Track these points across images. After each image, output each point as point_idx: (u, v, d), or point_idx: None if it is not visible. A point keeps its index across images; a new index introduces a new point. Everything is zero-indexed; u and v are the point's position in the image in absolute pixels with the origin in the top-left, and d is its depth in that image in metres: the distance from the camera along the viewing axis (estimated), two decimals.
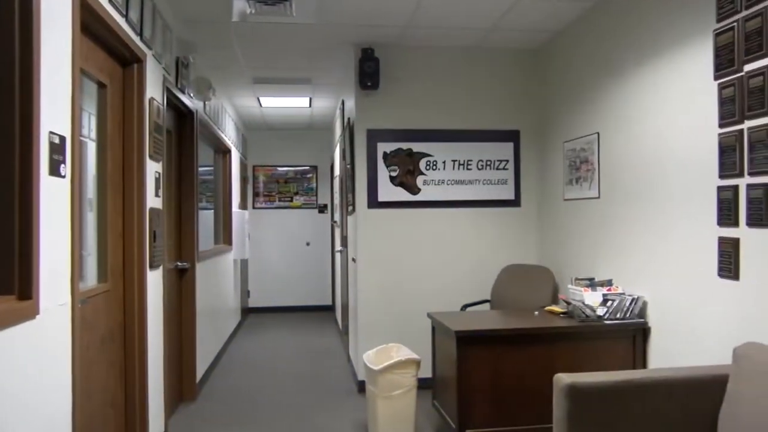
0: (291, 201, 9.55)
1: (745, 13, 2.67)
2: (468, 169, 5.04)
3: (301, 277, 9.48)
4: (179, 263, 4.58)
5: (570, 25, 4.47)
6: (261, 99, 7.04)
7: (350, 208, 5.46)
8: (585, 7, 4.12)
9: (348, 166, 5.50)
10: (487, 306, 4.83)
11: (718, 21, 2.84)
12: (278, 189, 9.52)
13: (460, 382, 3.41)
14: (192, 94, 4.75)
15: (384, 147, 4.95)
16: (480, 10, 4.16)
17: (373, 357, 4.00)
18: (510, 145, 5.10)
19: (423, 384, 4.12)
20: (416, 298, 4.95)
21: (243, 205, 8.53)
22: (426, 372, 4.18)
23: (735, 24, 2.73)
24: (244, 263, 8.51)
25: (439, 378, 3.94)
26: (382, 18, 4.31)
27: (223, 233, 6.85)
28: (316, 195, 9.58)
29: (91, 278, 2.88)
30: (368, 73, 4.79)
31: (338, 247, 7.35)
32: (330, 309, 9.39)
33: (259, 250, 9.32)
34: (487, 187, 5.06)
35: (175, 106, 4.38)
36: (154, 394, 3.56)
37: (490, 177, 5.06)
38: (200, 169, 5.09)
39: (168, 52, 3.99)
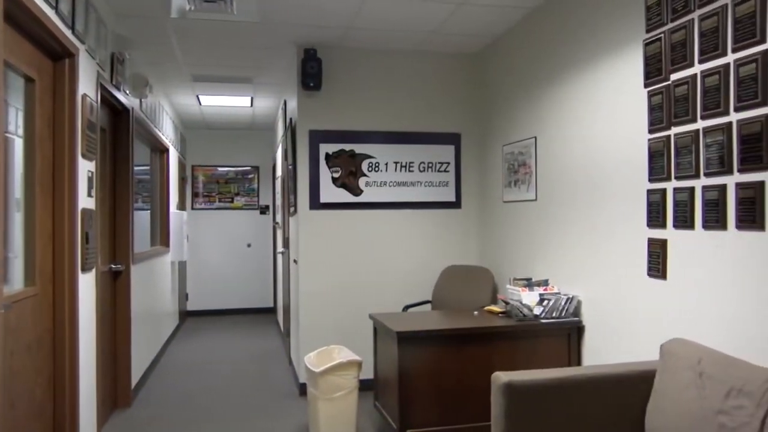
0: (232, 202, 9.38)
1: (671, 25, 2.80)
2: (410, 171, 5.08)
3: (242, 279, 9.33)
4: (113, 265, 4.42)
5: (509, 30, 4.57)
6: (201, 97, 6.89)
7: (292, 209, 5.41)
8: (524, 14, 4.22)
9: (290, 167, 5.45)
10: (428, 306, 4.88)
11: (648, 32, 2.97)
12: (218, 189, 9.34)
13: (401, 382, 3.44)
14: (128, 91, 4.60)
15: (326, 148, 4.93)
16: (422, 13, 4.20)
17: (314, 359, 3.98)
18: (451, 148, 5.17)
19: (365, 385, 4.13)
20: (358, 299, 4.96)
21: (181, 206, 8.33)
22: (368, 373, 4.19)
23: (662, 35, 2.85)
24: (182, 265, 8.30)
25: (380, 379, 3.95)
26: (324, 18, 4.29)
27: (161, 234, 6.66)
28: (258, 196, 9.45)
29: (17, 282, 2.74)
30: (311, 73, 4.76)
31: (280, 248, 7.28)
32: (271, 311, 9.28)
33: (199, 251, 9.12)
34: (428, 189, 5.12)
35: (109, 103, 4.23)
36: (85, 401, 3.43)
37: (432, 179, 5.12)
38: (136, 168, 4.94)
39: (102, 47, 3.85)
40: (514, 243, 4.54)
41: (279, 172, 7.44)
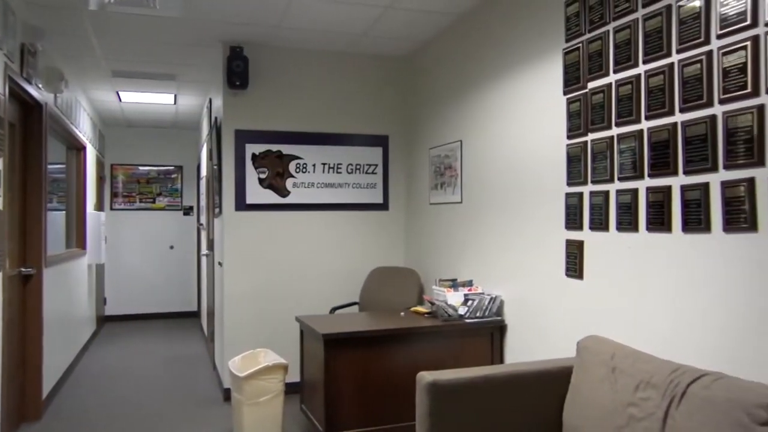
0: (153, 202, 9.07)
1: (588, 35, 2.92)
2: (338, 172, 5.07)
3: (164, 282, 9.03)
4: (23, 269, 4.18)
5: (437, 35, 4.65)
6: (121, 93, 6.62)
7: (217, 210, 5.29)
8: (451, 20, 4.30)
9: (215, 167, 5.33)
10: (356, 308, 4.88)
11: (567, 41, 3.09)
12: (139, 189, 9.00)
13: (328, 384, 3.42)
14: (41, 85, 4.37)
15: (253, 148, 4.85)
16: (351, 15, 4.21)
17: (239, 363, 3.90)
18: (379, 150, 5.20)
19: (291, 389, 4.08)
20: (286, 302, 4.90)
21: (99, 207, 7.97)
22: (294, 376, 4.14)
23: (580, 45, 2.98)
24: (99, 268, 7.95)
25: (307, 382, 3.92)
26: (251, 16, 4.22)
27: (77, 236, 6.36)
28: (181, 196, 9.18)
29: None
30: (237, 72, 4.68)
31: (204, 250, 7.09)
32: (195, 315, 9.02)
33: (118, 254, 8.76)
34: (356, 190, 5.13)
35: (19, 97, 4.00)
36: None
37: (360, 181, 5.13)
38: (50, 166, 4.69)
39: (11, 38, 3.64)
40: (440, 244, 4.62)
41: (204, 172, 7.25)
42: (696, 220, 2.32)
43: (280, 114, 4.95)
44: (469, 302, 3.72)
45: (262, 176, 4.88)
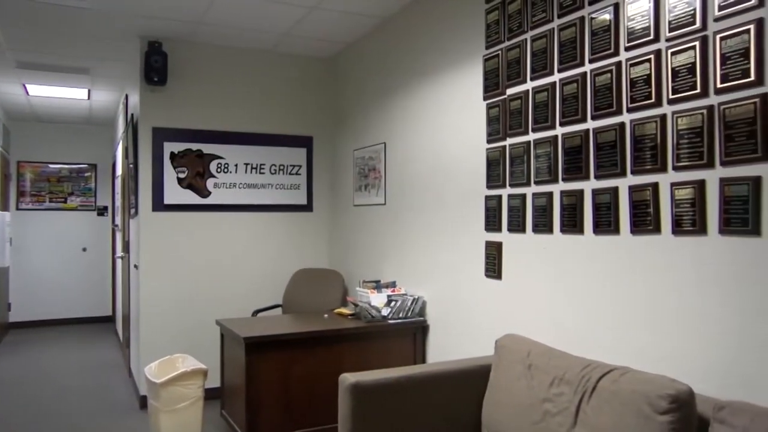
0: (65, 202, 8.61)
1: (507, 43, 3.02)
2: (261, 173, 4.99)
3: (76, 286, 8.59)
4: None
5: (362, 37, 4.66)
6: (28, 86, 6.25)
7: (133, 210, 5.09)
8: (375, 23, 4.33)
9: (131, 166, 5.12)
10: (279, 311, 4.82)
11: (487, 48, 3.18)
12: (49, 188, 8.52)
13: (249, 389, 3.36)
14: None
15: (171, 147, 4.70)
16: (275, 14, 4.15)
17: (155, 369, 3.76)
18: (303, 151, 5.16)
19: (211, 394, 3.99)
20: (206, 305, 4.77)
21: (4, 206, 7.49)
22: (215, 382, 4.04)
23: (500, 52, 3.07)
24: (3, 272, 7.46)
25: (227, 387, 3.83)
26: (171, 11, 4.09)
27: None
28: (95, 196, 8.77)
29: None
30: (155, 67, 4.52)
31: (119, 252, 6.80)
32: (110, 320, 8.64)
33: (25, 256, 8.26)
34: (280, 191, 5.07)
35: None
36: None
37: (284, 182, 5.07)
38: None
39: None
40: (364, 246, 4.63)
41: (119, 171, 6.95)
42: (606, 222, 2.44)
43: (200, 112, 4.82)
44: (392, 303, 3.75)
45: (181, 176, 4.73)
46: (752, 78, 1.90)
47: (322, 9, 4.04)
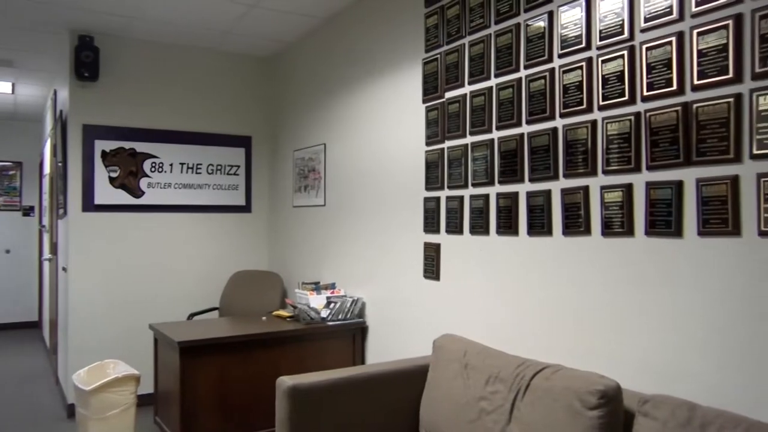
0: None
1: (446, 47, 3.06)
2: (198, 173, 4.88)
3: None
4: None
5: (303, 37, 4.63)
6: None
7: (61, 211, 4.88)
8: (316, 23, 4.30)
9: (60, 164, 4.91)
10: (215, 314, 4.72)
11: (426, 51, 3.21)
12: None
13: (184, 394, 3.27)
14: None
15: (103, 145, 4.54)
16: (212, 12, 4.07)
17: (84, 376, 3.62)
18: (242, 151, 5.08)
19: (146, 400, 3.87)
20: (139, 309, 4.62)
21: None
22: (148, 387, 3.92)
23: (439, 56, 3.11)
24: None
25: (161, 392, 3.72)
26: (102, 4, 3.94)
27: None
28: (21, 195, 8.35)
29: None
30: (86, 62, 4.35)
31: (47, 254, 6.50)
32: (36, 326, 8.24)
33: None
34: (217, 192, 4.97)
35: None
36: None
37: (221, 182, 4.98)
38: None
39: None
40: (303, 247, 4.60)
41: (47, 170, 6.65)
42: (540, 224, 2.51)
43: (134, 110, 4.67)
44: (332, 305, 3.73)
45: (113, 175, 4.57)
46: (674, 87, 2.00)
47: (262, 8, 3.99)
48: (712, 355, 1.90)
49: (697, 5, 1.94)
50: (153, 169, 4.71)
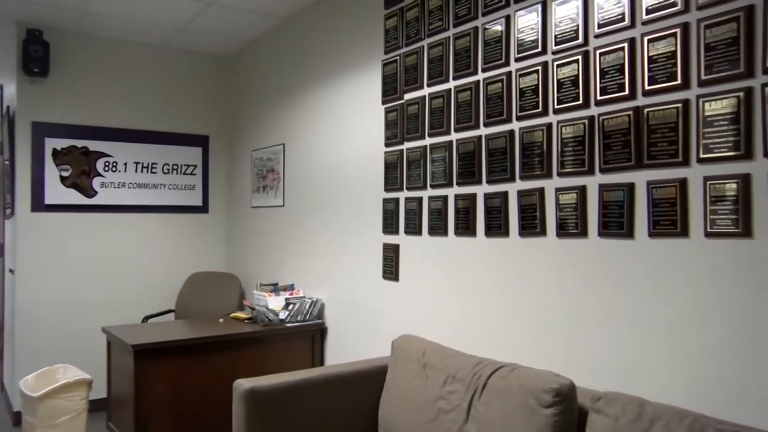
0: None
1: (405, 49, 3.07)
2: (153, 172, 4.78)
3: None
4: None
5: (262, 36, 4.58)
6: None
7: (8, 211, 4.71)
8: (275, 22, 4.27)
9: (6, 162, 4.74)
10: (171, 316, 4.63)
11: (386, 53, 3.22)
12: None
13: (138, 399, 3.20)
14: None
15: (54, 143, 4.40)
16: (168, 8, 3.99)
17: (32, 382, 3.50)
18: (199, 150, 5.00)
19: (99, 405, 3.77)
20: (92, 312, 4.49)
21: None
22: (101, 392, 3.83)
23: (398, 57, 3.12)
24: None
25: (114, 397, 3.63)
26: None
27: None
28: None
29: None
30: (35, 57, 4.21)
31: None
32: None
33: None
34: (173, 192, 4.87)
35: None
36: None
37: (177, 182, 4.88)
38: None
39: None
40: (262, 248, 4.55)
41: None
42: (497, 225, 2.54)
43: (87, 107, 4.54)
44: (290, 306, 3.71)
45: (65, 174, 4.44)
46: (626, 92, 2.05)
47: (220, 5, 3.93)
48: (661, 353, 1.96)
49: (647, 13, 2.00)
50: (106, 168, 4.59)
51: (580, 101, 2.20)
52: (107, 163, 4.59)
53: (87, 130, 4.53)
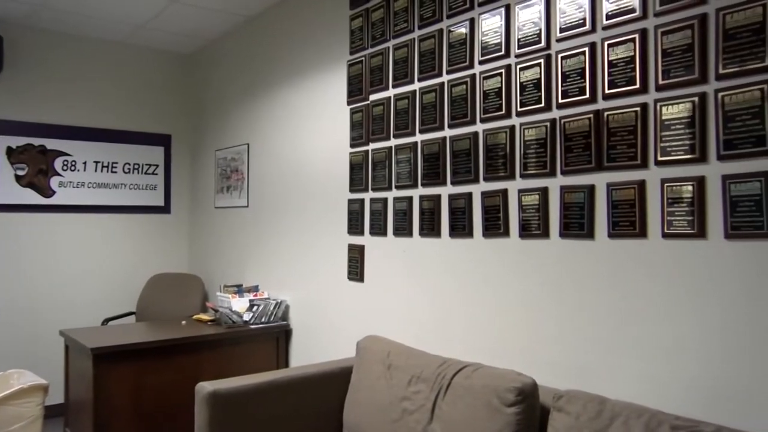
0: None
1: (371, 50, 3.08)
2: (114, 172, 4.68)
3: None
4: None
5: (226, 34, 4.53)
6: None
7: None
8: (239, 21, 4.22)
9: None
10: (132, 318, 4.54)
11: (351, 54, 3.22)
12: None
13: (97, 404, 3.12)
14: None
15: (9, 141, 4.27)
16: (129, 4, 3.91)
17: None
18: (161, 150, 4.91)
19: (56, 411, 3.68)
20: (49, 315, 4.37)
21: None
22: (58, 397, 3.73)
23: (363, 58, 3.12)
24: None
25: (72, 402, 3.54)
26: None
27: None
28: None
29: None
30: None
31: None
32: None
33: None
34: (134, 192, 4.78)
35: None
36: None
37: (139, 182, 4.79)
38: None
39: None
40: (225, 249, 4.50)
41: None
42: (461, 226, 2.56)
43: (45, 104, 4.42)
44: (255, 308, 3.67)
45: (20, 173, 4.31)
46: (587, 96, 2.09)
47: (182, 3, 3.87)
48: (619, 351, 2.00)
49: (607, 18, 2.04)
50: (65, 168, 4.47)
51: (542, 104, 2.24)
52: (66, 162, 4.48)
53: (44, 127, 4.40)
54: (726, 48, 1.74)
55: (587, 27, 2.10)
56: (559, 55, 2.19)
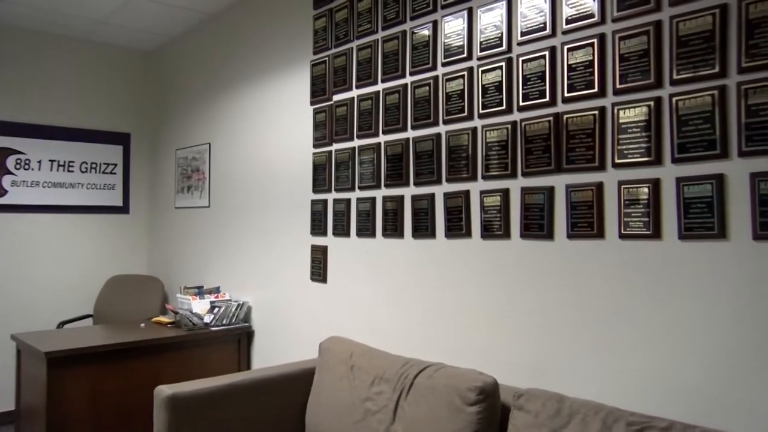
0: None
1: (334, 50, 3.07)
2: (69, 171, 4.56)
3: None
4: None
5: (187, 32, 4.46)
6: None
7: None
8: (200, 18, 4.16)
9: None
10: (89, 321, 4.43)
11: (315, 53, 3.20)
12: None
13: (50, 410, 3.03)
14: None
15: None
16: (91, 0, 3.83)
17: None
18: (119, 149, 4.81)
19: (6, 419, 3.56)
20: (2, 319, 4.23)
21: None
22: (9, 404, 3.61)
23: (327, 58, 3.11)
24: None
25: (24, 409, 3.43)
26: None
27: None
28: None
29: None
30: None
31: None
32: None
33: None
34: (91, 191, 4.66)
35: None
36: None
37: (96, 181, 4.68)
38: None
39: None
40: (186, 250, 4.42)
41: None
42: (424, 227, 2.57)
43: None
44: (216, 309, 3.62)
45: None
46: (547, 99, 2.13)
47: None
48: (577, 349, 2.04)
49: (567, 23, 2.08)
50: (18, 166, 4.34)
51: (504, 107, 2.26)
52: (19, 161, 4.34)
53: None
54: (680, 54, 1.79)
55: (548, 31, 2.13)
56: (520, 59, 2.22)
